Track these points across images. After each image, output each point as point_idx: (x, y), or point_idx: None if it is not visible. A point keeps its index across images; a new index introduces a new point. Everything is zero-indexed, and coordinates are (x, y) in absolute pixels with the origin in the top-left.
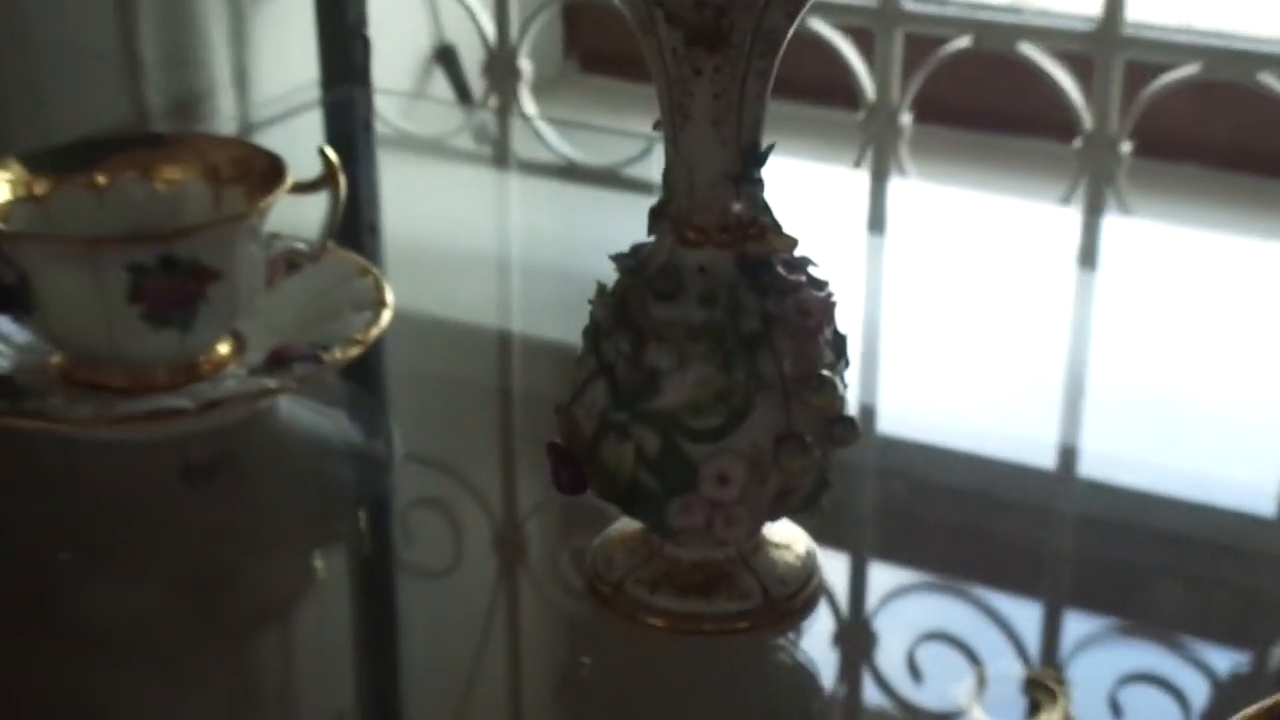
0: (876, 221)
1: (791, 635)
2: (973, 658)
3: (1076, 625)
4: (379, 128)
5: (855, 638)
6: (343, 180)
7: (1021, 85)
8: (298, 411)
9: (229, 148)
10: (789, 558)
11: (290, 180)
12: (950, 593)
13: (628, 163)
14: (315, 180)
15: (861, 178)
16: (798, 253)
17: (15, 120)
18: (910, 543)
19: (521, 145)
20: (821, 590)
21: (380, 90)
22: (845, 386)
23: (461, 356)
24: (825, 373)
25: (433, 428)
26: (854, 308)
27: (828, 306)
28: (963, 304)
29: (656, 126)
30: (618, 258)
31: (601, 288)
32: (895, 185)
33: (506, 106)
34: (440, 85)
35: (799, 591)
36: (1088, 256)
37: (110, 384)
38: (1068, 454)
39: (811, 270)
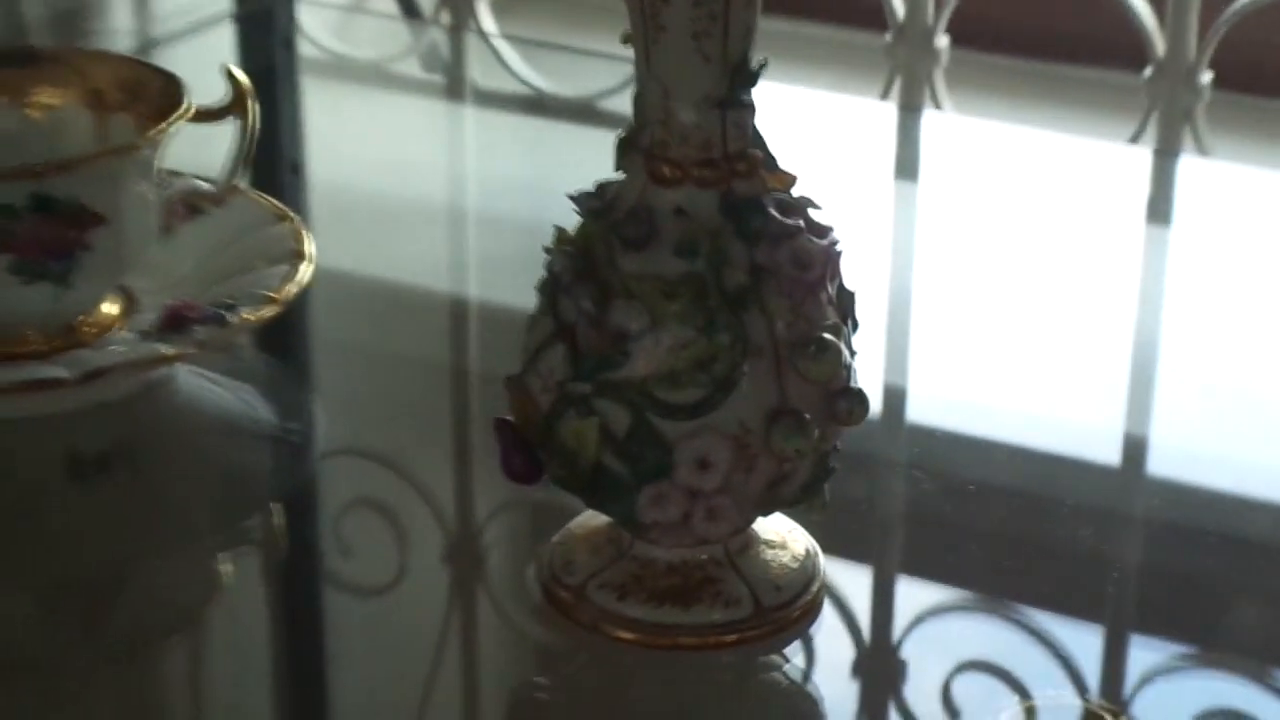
0: (907, 163)
1: (787, 651)
2: (1019, 688)
3: (1142, 651)
4: (307, 49)
5: (878, 664)
6: (254, 107)
7: (1080, 3)
8: (199, 385)
9: (116, 66)
10: (785, 559)
11: (189, 106)
12: (993, 612)
13: (606, 93)
14: (220, 106)
15: (889, 111)
16: (796, 193)
17: None
18: (945, 552)
19: (479, 71)
20: (823, 598)
21: (307, 2)
22: (853, 353)
23: (401, 325)
24: (826, 336)
25: (363, 409)
26: (879, 267)
27: (830, 257)
28: (1009, 263)
29: (626, 40)
30: (579, 197)
31: (561, 233)
32: (929, 120)
33: (461, 23)
34: None
35: (796, 599)
36: (1159, 206)
37: None
38: (1134, 447)
39: (812, 214)
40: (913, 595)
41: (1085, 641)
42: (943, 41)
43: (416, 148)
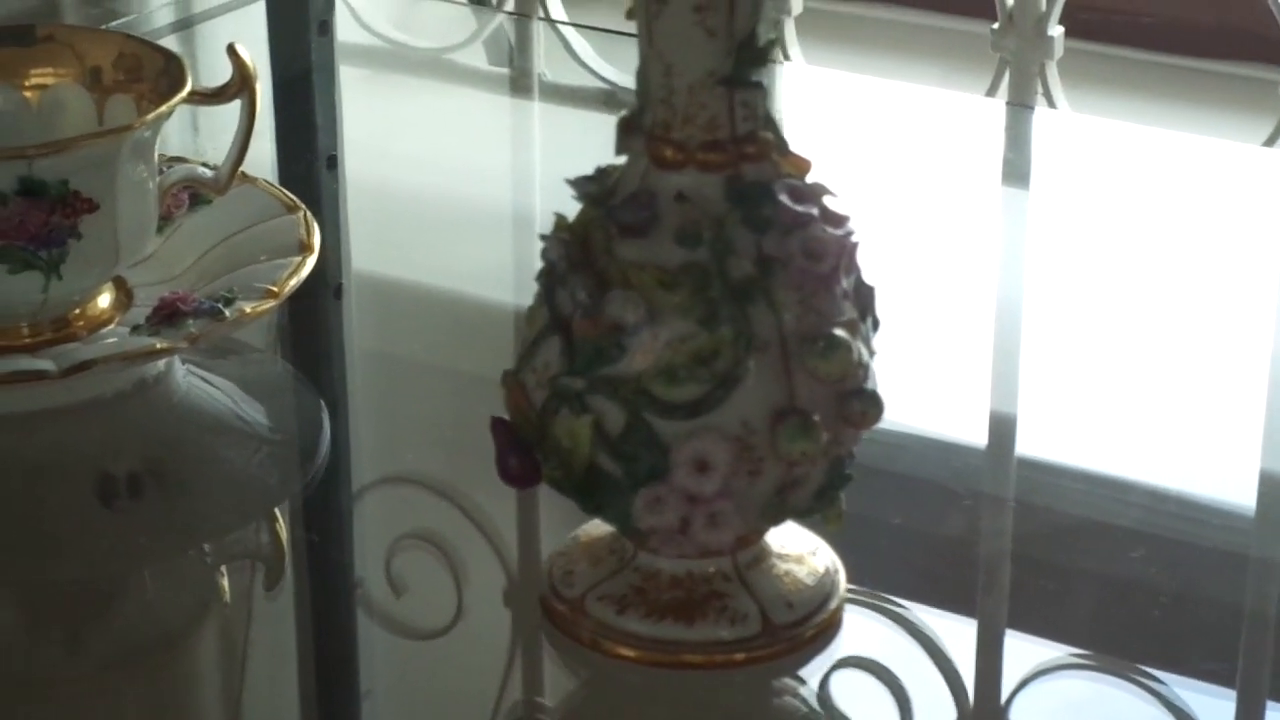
0: (1016, 166)
1: (801, 674)
2: None
3: None
4: (363, 37)
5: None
6: (258, 88)
7: None
8: (199, 386)
9: (114, 44)
10: (800, 574)
11: (190, 87)
12: (1108, 672)
13: None
14: (221, 87)
15: (997, 108)
16: (811, 179)
17: None
18: (1054, 603)
19: (546, 62)
20: (841, 617)
21: None
22: (871, 353)
23: (438, 333)
24: (838, 332)
25: (381, 417)
26: (985, 280)
27: (845, 248)
28: (1130, 277)
29: (630, 15)
30: (576, 181)
31: (559, 220)
32: (1040, 118)
33: (529, 10)
34: None
35: (809, 617)
36: None
37: None
38: (1275, 487)
39: (827, 201)
40: (1017, 650)
41: (1214, 707)
42: (1056, 31)
43: (477, 143)
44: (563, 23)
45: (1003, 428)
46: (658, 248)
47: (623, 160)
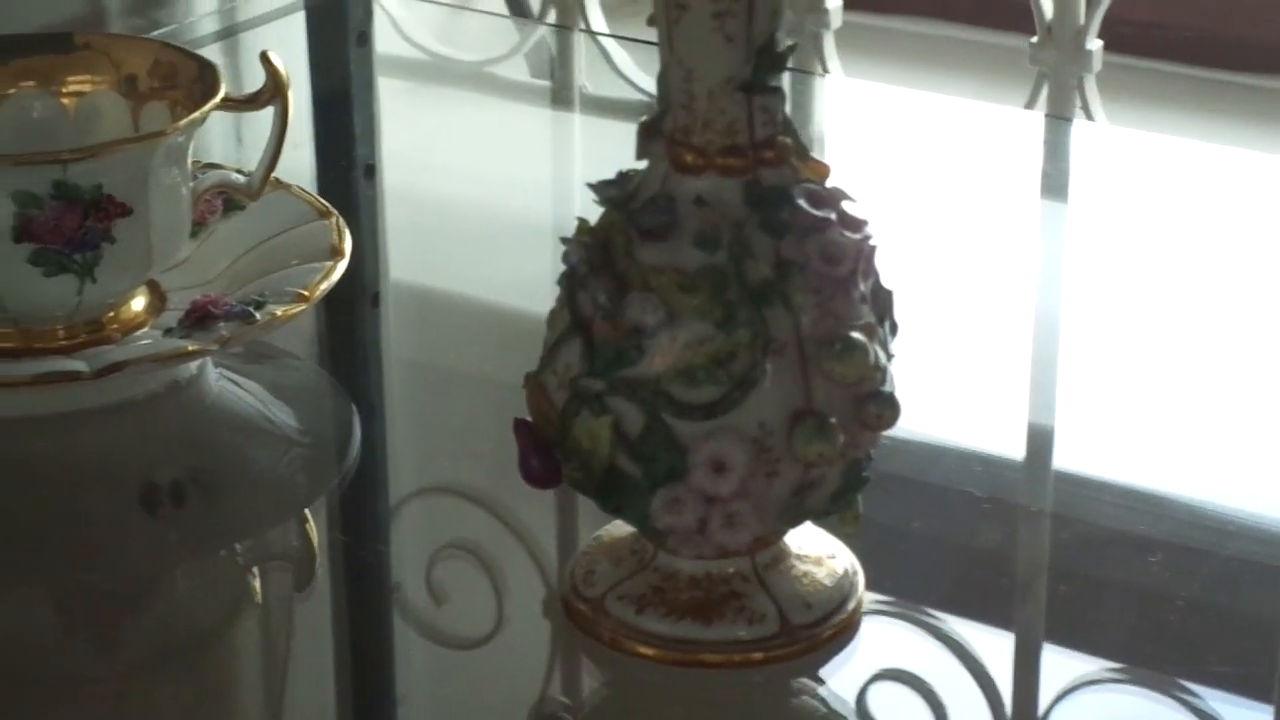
0: (1054, 179)
1: (820, 673)
2: None
3: None
4: (406, 49)
5: None
6: (291, 95)
7: (1252, 6)
8: (230, 389)
9: (150, 52)
10: (819, 575)
11: (223, 94)
12: (1146, 686)
13: None
14: (254, 94)
15: (1036, 120)
16: (830, 184)
17: None
18: (1090, 617)
19: (587, 74)
20: (859, 619)
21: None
22: (889, 356)
23: (474, 341)
24: (854, 334)
25: (417, 423)
26: (1024, 293)
27: (863, 252)
28: (1169, 292)
29: (651, 22)
30: (598, 185)
31: (581, 224)
32: (1079, 131)
33: (569, 22)
34: None
35: (827, 618)
36: None
37: None
38: None
39: (845, 206)
40: (1054, 663)
41: None
42: (1095, 45)
43: (517, 155)
44: (603, 34)
45: (1040, 439)
46: (677, 251)
47: (644, 164)
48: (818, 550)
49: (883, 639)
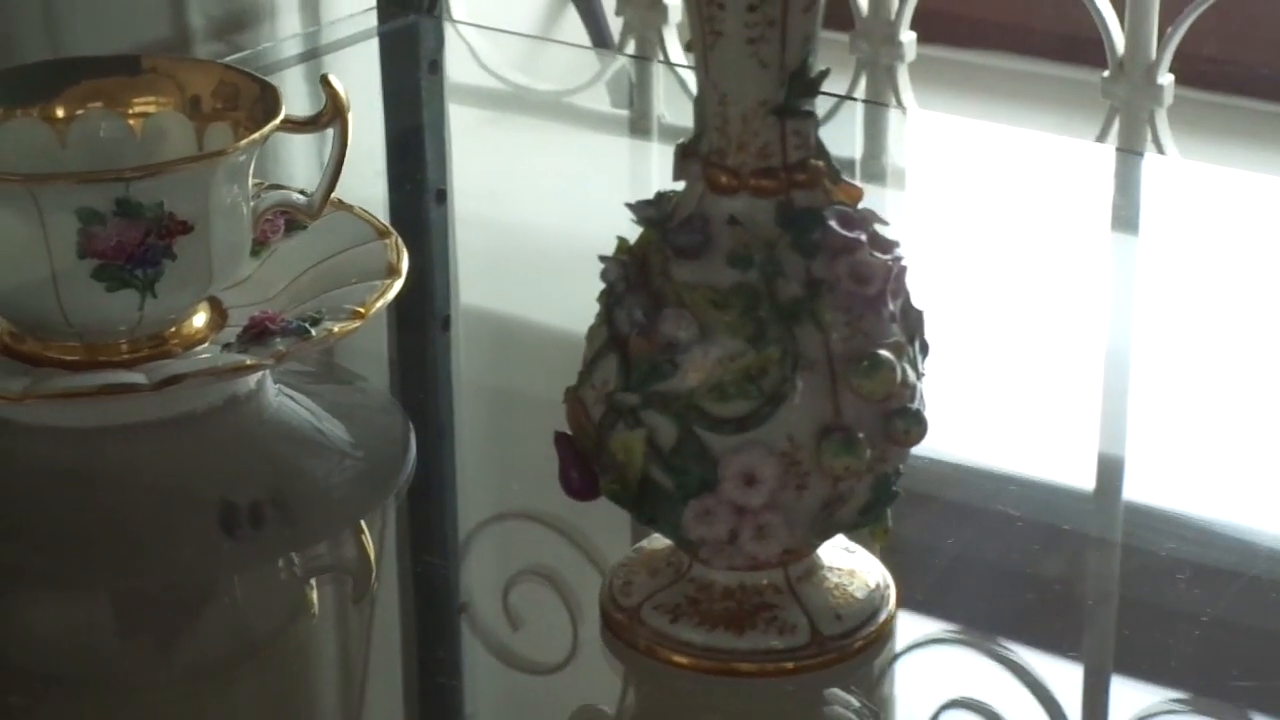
0: (1125, 212)
1: (853, 685)
2: None
3: None
4: (486, 80)
5: None
6: (350, 118)
7: None
8: (288, 405)
9: (213, 74)
10: (851, 588)
11: (284, 115)
12: (1209, 714)
13: None
14: (314, 116)
15: (1107, 153)
16: (862, 206)
17: (25, 38)
18: (1158, 648)
19: (665, 103)
20: (890, 631)
21: (461, 22)
22: (919, 375)
23: (542, 365)
24: (881, 352)
25: (485, 445)
26: (1095, 326)
27: (894, 273)
28: (1240, 324)
29: (688, 48)
30: (636, 205)
31: (621, 243)
32: (1150, 164)
33: (648, 53)
34: (560, 25)
35: (858, 629)
36: None
37: (62, 359)
38: None
39: (876, 228)
40: (1121, 695)
41: None
42: (1166, 79)
43: (595, 183)
44: (680, 65)
45: (1110, 471)
46: (710, 269)
47: (681, 185)
48: (851, 563)
49: (913, 652)
